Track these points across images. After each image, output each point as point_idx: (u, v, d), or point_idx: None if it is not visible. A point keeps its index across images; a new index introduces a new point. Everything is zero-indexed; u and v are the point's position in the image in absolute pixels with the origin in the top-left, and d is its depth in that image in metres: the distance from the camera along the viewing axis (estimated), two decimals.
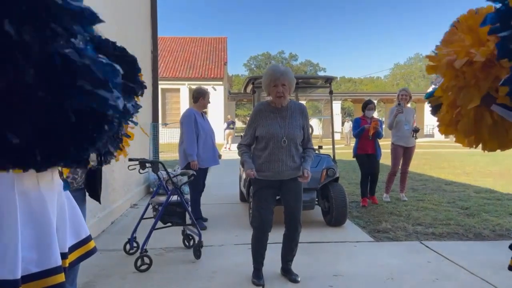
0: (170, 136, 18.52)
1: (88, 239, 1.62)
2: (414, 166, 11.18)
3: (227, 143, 19.44)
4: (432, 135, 34.09)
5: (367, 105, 6.08)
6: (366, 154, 5.97)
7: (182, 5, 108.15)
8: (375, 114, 6.38)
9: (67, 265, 1.43)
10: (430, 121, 35.42)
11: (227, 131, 19.85)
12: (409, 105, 6.44)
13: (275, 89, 2.90)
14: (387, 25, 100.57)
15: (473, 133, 1.57)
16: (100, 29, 1.26)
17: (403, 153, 6.20)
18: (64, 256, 1.40)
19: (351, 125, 25.86)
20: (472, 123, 1.54)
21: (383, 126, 6.30)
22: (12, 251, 1.17)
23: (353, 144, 6.41)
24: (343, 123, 28.96)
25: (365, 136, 5.92)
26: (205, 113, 4.94)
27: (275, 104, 2.99)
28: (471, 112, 1.52)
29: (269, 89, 2.95)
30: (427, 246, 4.05)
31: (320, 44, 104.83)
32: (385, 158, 6.79)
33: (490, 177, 9.22)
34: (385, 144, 6.46)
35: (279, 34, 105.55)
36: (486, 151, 1.69)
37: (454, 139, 1.74)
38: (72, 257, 1.50)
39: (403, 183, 6.48)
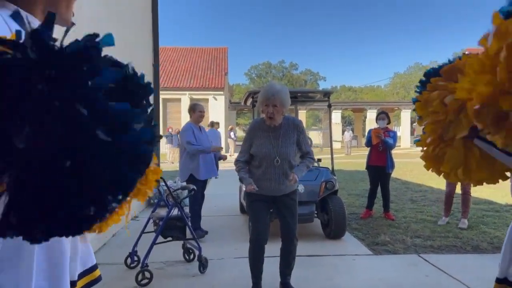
0: (161, 146, 18.58)
1: (94, 268, 1.66)
2: (414, 176, 11.23)
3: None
4: None
5: (378, 116, 6.06)
6: (375, 166, 5.93)
7: (182, 15, 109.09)
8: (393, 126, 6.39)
9: None
10: None
11: (230, 140, 19.95)
12: None
13: (266, 109, 2.97)
14: (387, 34, 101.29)
15: (462, 164, 1.60)
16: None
17: None
18: (73, 284, 1.44)
19: (351, 135, 25.97)
20: (462, 153, 1.58)
21: (397, 136, 6.15)
22: (25, 281, 1.22)
23: (353, 154, 6.42)
24: (343, 132, 29.03)
25: (375, 147, 5.89)
26: (206, 126, 5.04)
27: (268, 123, 3.05)
28: (460, 143, 1.57)
29: (262, 107, 3.01)
30: (425, 260, 4.08)
31: (321, 53, 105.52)
32: (397, 170, 6.62)
33: (490, 188, 9.22)
34: (402, 154, 6.40)
35: (279, 43, 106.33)
36: (472, 185, 1.73)
37: (439, 174, 1.74)
38: (79, 284, 1.55)
39: (465, 206, 5.44)
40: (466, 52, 1.72)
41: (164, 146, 18.93)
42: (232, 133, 20.76)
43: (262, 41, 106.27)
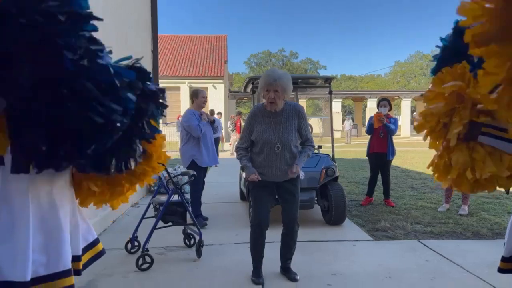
0: (170, 134, 18.59)
1: (96, 242, 1.67)
2: (414, 164, 11.23)
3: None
4: None
5: (379, 102, 6.00)
6: (375, 153, 5.90)
7: (182, 3, 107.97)
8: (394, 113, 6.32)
9: (81, 267, 1.48)
10: None
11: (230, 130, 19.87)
12: None
13: (267, 94, 2.93)
14: (388, 23, 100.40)
15: (468, 165, 1.58)
16: (100, 28, 1.31)
17: None
18: (78, 258, 1.45)
19: (351, 124, 25.91)
20: (466, 154, 1.55)
21: (398, 122, 6.08)
22: (23, 254, 1.22)
23: (353, 143, 6.39)
24: (343, 121, 28.99)
25: (376, 134, 5.85)
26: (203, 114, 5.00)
27: (268, 109, 3.01)
28: (463, 146, 1.54)
29: (263, 93, 2.97)
30: (425, 245, 4.09)
31: (321, 42, 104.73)
32: (398, 158, 6.60)
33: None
34: (402, 142, 6.31)
35: (279, 32, 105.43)
36: (487, 191, 1.70)
37: (450, 184, 1.74)
38: (84, 258, 1.55)
39: (465, 193, 5.36)
40: None
41: (175, 135, 18.94)
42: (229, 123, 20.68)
43: (262, 29, 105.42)
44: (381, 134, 5.78)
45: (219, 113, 20.48)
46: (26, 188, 1.24)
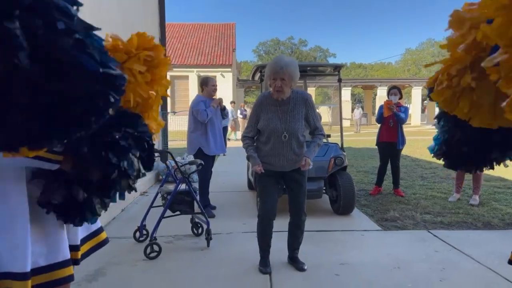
0: (179, 123, 18.63)
1: (99, 231, 1.66)
2: (424, 153, 11.10)
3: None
4: None
5: (389, 91, 5.90)
6: (385, 142, 5.81)
7: None
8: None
9: (79, 256, 1.48)
10: None
11: (241, 118, 19.88)
12: None
13: (273, 82, 2.87)
14: (399, 10, 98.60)
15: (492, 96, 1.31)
16: (106, 17, 1.27)
17: None
18: (76, 248, 1.44)
19: (361, 112, 25.67)
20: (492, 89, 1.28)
21: (408, 111, 5.97)
22: (22, 246, 1.21)
23: (363, 132, 6.30)
24: (353, 110, 28.74)
25: (386, 123, 5.76)
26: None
27: (275, 97, 2.96)
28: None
29: (269, 81, 2.92)
30: (434, 235, 4.05)
31: (330, 29, 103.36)
32: (407, 147, 6.41)
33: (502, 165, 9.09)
34: (412, 131, 6.15)
35: (288, 19, 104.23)
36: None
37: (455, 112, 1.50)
38: (84, 248, 1.55)
39: (476, 182, 5.35)
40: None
41: (184, 124, 19.02)
42: (240, 111, 20.66)
43: (271, 17, 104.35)
44: (391, 123, 5.69)
45: (233, 102, 20.47)
46: (23, 178, 1.23)
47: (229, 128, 18.63)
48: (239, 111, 20.14)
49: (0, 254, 1.18)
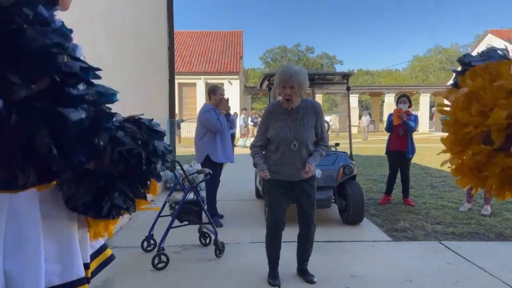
0: (187, 130, 18.71)
1: (104, 248, 1.64)
2: (433, 161, 10.98)
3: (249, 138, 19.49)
4: None
5: (399, 99, 5.84)
6: (395, 151, 5.75)
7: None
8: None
9: (89, 275, 1.46)
10: None
11: (251, 126, 19.91)
12: None
13: (283, 91, 2.86)
14: (406, 16, 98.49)
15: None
16: (119, 26, 1.25)
17: None
18: (86, 266, 1.42)
19: (369, 119, 25.55)
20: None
21: (418, 119, 5.90)
22: (36, 265, 1.19)
23: (370, 139, 6.23)
24: (360, 117, 28.62)
25: (395, 132, 5.70)
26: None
27: (285, 106, 2.94)
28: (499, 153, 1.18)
29: (279, 90, 2.91)
30: (446, 247, 3.97)
31: (337, 36, 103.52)
32: (416, 155, 6.23)
33: None
34: (421, 139, 5.94)
35: (295, 27, 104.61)
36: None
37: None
38: (92, 266, 1.52)
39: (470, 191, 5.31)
40: (489, 35, 1.37)
41: (192, 131, 19.10)
42: (251, 119, 20.69)
43: (278, 24, 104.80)
44: (400, 132, 5.63)
45: (244, 109, 20.60)
46: (34, 194, 1.21)
47: (237, 134, 18.77)
48: (249, 118, 20.21)
49: (13, 276, 1.16)
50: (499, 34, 33.13)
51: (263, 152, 3.09)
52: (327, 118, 26.84)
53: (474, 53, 1.34)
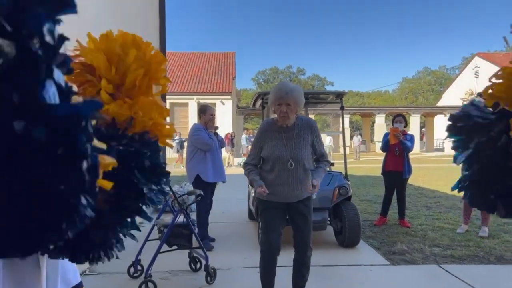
0: (170, 151, 18.51)
1: (78, 286, 1.48)
2: (427, 182, 10.93)
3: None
4: (442, 149, 33.62)
5: (394, 119, 5.77)
6: (391, 171, 5.64)
7: (190, 21, 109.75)
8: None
9: None
10: (440, 135, 35.05)
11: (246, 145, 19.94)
12: None
13: (279, 108, 2.75)
14: (395, 39, 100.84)
15: None
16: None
17: None
18: None
19: (360, 139, 25.68)
20: None
21: (414, 139, 5.84)
22: None
23: (362, 159, 6.14)
24: (351, 137, 28.72)
25: (391, 152, 5.61)
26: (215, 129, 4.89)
27: (280, 123, 2.84)
28: None
29: (274, 107, 2.80)
30: (446, 271, 3.82)
31: (328, 58, 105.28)
32: (410, 176, 6.09)
33: None
34: (412, 159, 5.75)
35: (287, 49, 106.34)
36: None
37: None
38: None
39: (485, 213, 4.94)
40: (475, 57, 1.31)
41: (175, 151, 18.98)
42: (248, 138, 20.69)
43: (270, 46, 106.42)
44: (396, 152, 5.55)
45: (246, 129, 20.72)
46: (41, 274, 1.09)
47: (228, 155, 18.71)
48: (246, 138, 20.33)
49: None
50: (485, 56, 33.96)
51: (257, 170, 2.95)
52: (327, 138, 26.67)
53: (462, 75, 1.28)
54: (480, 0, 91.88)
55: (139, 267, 3.64)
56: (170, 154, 18.85)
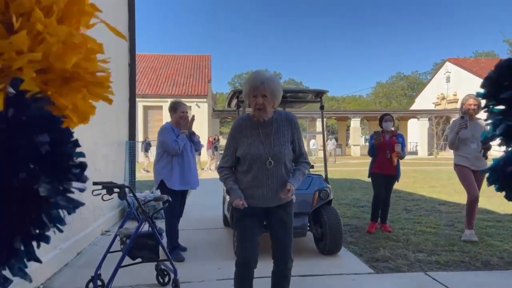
0: (152, 154, 17.92)
1: None
2: (403, 185, 10.87)
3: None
4: (415, 153, 34.24)
5: (383, 118, 5.53)
6: (381, 174, 5.39)
7: (165, 23, 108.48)
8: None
9: None
10: (413, 138, 35.73)
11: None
12: (479, 116, 4.81)
13: (254, 100, 2.43)
14: (369, 44, 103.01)
15: None
16: None
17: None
18: None
19: (334, 143, 25.83)
20: None
21: (405, 143, 5.67)
22: None
23: (338, 162, 5.91)
24: (326, 141, 28.85)
25: (382, 154, 5.35)
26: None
27: (256, 118, 2.53)
28: None
29: (249, 99, 2.48)
30: (434, 278, 3.60)
31: (303, 62, 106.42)
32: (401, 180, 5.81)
33: (482, 196, 8.90)
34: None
35: (263, 53, 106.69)
36: None
37: None
38: None
39: (470, 215, 4.84)
40: (446, 63, 1.17)
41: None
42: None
43: (246, 50, 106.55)
44: (387, 155, 5.31)
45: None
46: None
47: (209, 159, 18.22)
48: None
49: None
50: (456, 62, 34.94)
51: (234, 176, 2.61)
52: (311, 142, 26.65)
53: (433, 80, 1.09)
54: (450, 8, 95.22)
55: (99, 283, 3.23)
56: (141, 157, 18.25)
